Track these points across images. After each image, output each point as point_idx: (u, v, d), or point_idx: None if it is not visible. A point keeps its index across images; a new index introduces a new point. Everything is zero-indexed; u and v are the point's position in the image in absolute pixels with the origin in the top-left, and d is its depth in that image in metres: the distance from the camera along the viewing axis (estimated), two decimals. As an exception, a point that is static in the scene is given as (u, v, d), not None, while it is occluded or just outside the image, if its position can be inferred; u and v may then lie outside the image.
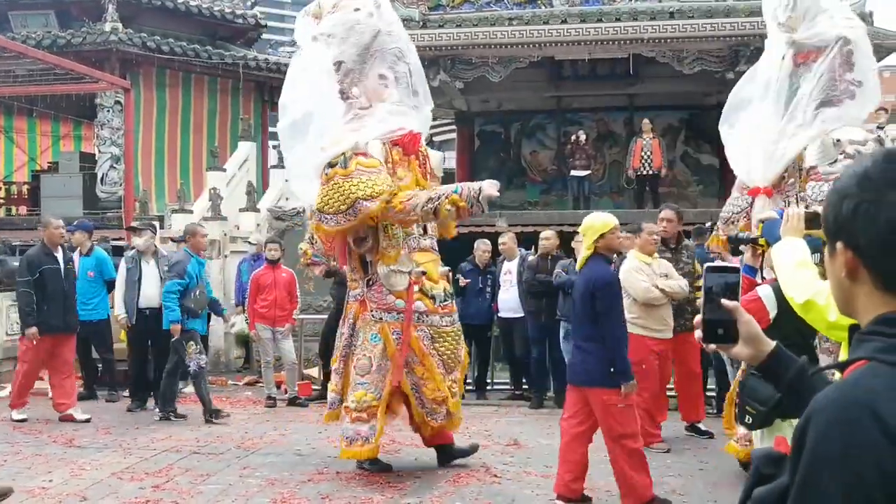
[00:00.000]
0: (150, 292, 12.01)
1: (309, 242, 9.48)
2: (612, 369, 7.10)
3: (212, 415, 11.33)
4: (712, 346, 2.47)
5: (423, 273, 8.74)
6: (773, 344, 2.41)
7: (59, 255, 11.60)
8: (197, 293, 11.38)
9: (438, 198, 8.20)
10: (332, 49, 8.92)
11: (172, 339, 11.29)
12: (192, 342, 11.25)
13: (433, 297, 8.74)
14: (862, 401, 1.58)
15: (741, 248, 6.33)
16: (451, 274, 9.73)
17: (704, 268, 2.46)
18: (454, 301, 9.15)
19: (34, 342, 11.20)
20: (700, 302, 2.49)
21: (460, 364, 8.97)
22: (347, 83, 8.93)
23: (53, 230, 11.55)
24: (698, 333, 2.46)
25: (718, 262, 2.54)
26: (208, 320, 12.43)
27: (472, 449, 9.15)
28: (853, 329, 1.88)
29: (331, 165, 8.52)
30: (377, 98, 8.96)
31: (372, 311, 8.62)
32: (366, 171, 8.45)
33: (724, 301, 2.38)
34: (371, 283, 8.68)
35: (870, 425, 1.55)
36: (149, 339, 12.21)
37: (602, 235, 7.26)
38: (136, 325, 12.24)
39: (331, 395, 8.96)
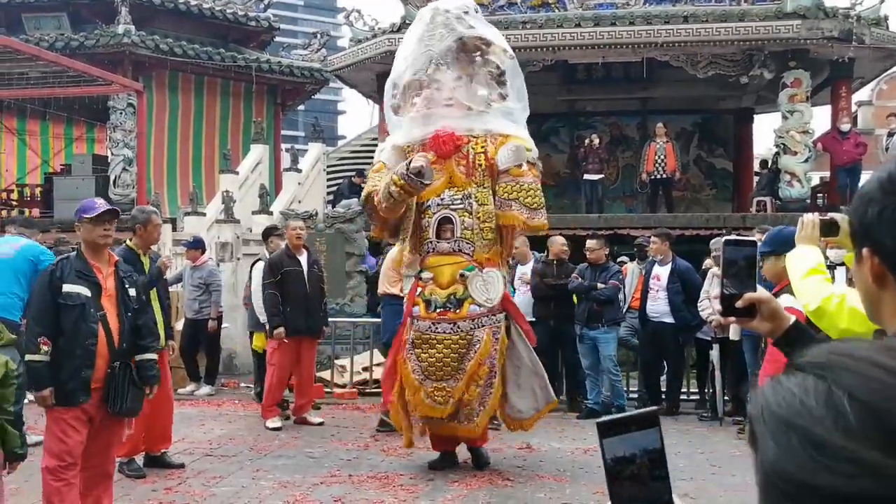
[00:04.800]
0: None
1: None
2: None
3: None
4: (731, 320, 2.48)
5: (421, 278, 8.84)
6: (791, 318, 2.45)
7: (303, 257, 11.46)
8: None
9: (388, 183, 8.58)
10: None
11: None
12: None
13: (428, 303, 8.70)
14: None
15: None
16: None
17: (723, 242, 2.45)
18: (469, 308, 8.70)
19: (284, 341, 11.08)
20: (718, 275, 2.47)
21: (463, 373, 8.57)
22: (405, 98, 9.26)
23: (291, 231, 11.52)
24: (717, 306, 2.46)
25: (735, 236, 2.47)
26: None
27: (484, 462, 9.12)
28: (878, 336, 1.83)
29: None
30: (437, 103, 9.08)
31: None
32: (373, 176, 9.13)
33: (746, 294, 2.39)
34: None
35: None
36: None
37: None
38: None
39: None
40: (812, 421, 1.01)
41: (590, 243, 12.11)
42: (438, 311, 8.66)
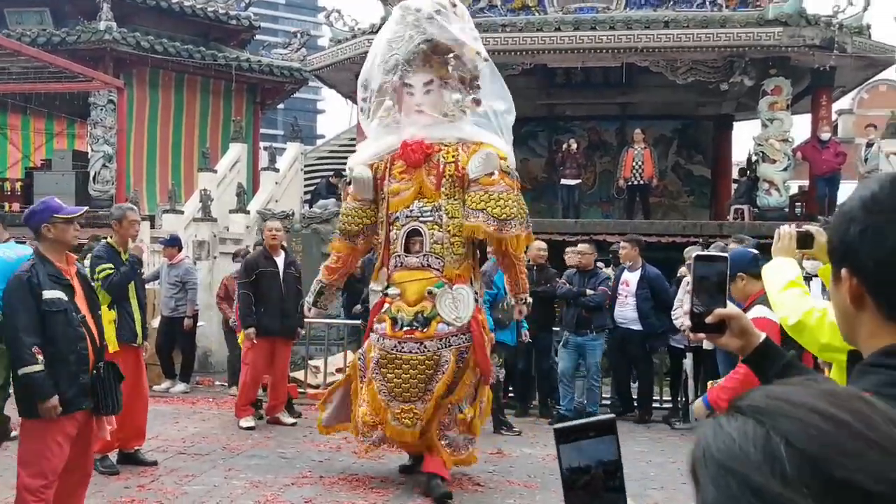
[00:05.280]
0: None
1: None
2: None
3: (503, 427, 11.22)
4: (701, 336, 2.48)
5: (387, 294, 8.47)
6: (762, 336, 2.41)
7: (280, 258, 11.46)
8: (504, 304, 10.82)
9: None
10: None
11: None
12: (493, 354, 10.73)
13: (394, 320, 8.27)
14: None
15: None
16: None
17: (693, 257, 2.43)
18: (437, 327, 8.20)
19: (253, 342, 11.10)
20: (689, 290, 2.46)
21: (430, 395, 8.15)
22: (376, 102, 8.90)
23: (267, 232, 11.58)
24: (687, 322, 2.47)
25: (706, 252, 2.46)
26: (518, 332, 11.70)
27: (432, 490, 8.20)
28: (853, 356, 1.83)
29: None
30: (407, 109, 8.69)
31: None
32: (343, 208, 9.47)
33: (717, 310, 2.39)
34: None
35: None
36: None
37: None
38: None
39: None
40: (750, 467, 1.00)
41: (582, 247, 12.12)
42: (405, 329, 8.20)
